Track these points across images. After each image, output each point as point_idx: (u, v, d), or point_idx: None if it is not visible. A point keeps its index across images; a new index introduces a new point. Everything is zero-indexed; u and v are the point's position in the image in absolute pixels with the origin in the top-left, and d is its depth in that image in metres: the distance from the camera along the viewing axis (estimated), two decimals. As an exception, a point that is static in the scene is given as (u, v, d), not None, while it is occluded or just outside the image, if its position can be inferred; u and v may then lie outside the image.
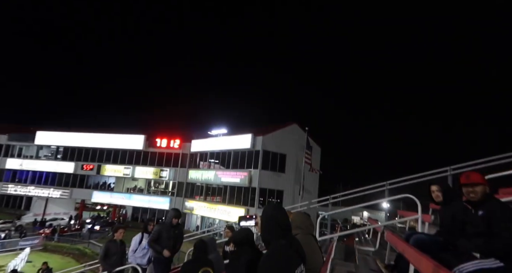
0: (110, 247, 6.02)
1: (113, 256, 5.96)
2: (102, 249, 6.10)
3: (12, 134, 38.69)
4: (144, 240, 5.96)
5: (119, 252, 6.05)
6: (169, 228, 5.63)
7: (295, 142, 27.85)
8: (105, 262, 5.93)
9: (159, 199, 33.94)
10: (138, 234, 6.11)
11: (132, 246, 5.95)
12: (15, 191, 36.89)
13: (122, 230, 6.27)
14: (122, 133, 35.88)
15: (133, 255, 5.88)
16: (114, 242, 6.13)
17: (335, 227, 11.70)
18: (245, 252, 2.84)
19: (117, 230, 6.28)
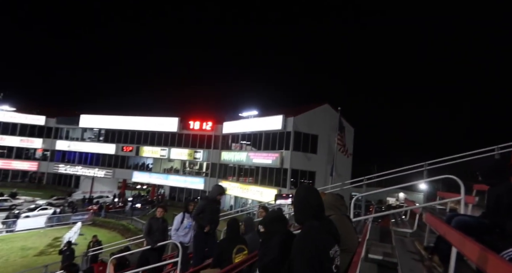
0: (153, 223, 6.38)
1: (155, 232, 6.30)
2: (146, 226, 6.47)
3: (59, 118, 41.73)
4: (186, 220, 6.14)
5: (160, 228, 6.39)
6: (213, 203, 5.77)
7: (327, 123, 27.29)
8: (149, 237, 6.30)
9: (194, 179, 35.29)
10: (180, 213, 6.31)
11: (174, 225, 6.12)
12: (65, 170, 40.18)
13: (161, 209, 6.60)
14: (157, 116, 37.27)
15: (176, 233, 6.07)
16: (156, 219, 6.48)
17: (369, 208, 11.53)
18: (277, 233, 2.89)
19: (157, 208, 6.66)
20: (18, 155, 41.02)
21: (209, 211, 5.65)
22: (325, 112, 28.91)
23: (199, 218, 5.65)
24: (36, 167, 41.30)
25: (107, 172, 38.18)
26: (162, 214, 6.58)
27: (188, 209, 6.28)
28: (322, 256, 1.86)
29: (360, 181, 8.45)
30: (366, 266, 2.99)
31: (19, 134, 40.91)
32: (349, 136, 30.86)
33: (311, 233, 1.94)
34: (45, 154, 41.71)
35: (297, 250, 1.90)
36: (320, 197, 2.20)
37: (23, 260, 17.02)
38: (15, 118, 40.92)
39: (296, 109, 31.24)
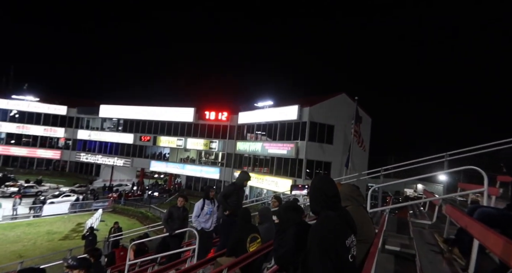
0: (173, 212, 6.55)
1: (176, 220, 6.47)
2: (166, 213, 6.65)
3: (80, 108, 42.97)
4: (206, 206, 6.21)
5: (181, 217, 6.57)
6: (240, 189, 5.88)
7: (344, 113, 26.84)
8: (168, 224, 6.47)
9: (210, 169, 35.77)
10: (200, 200, 6.39)
11: (195, 211, 6.22)
12: (86, 159, 41.57)
13: (181, 198, 6.75)
14: (174, 106, 37.75)
15: (197, 219, 6.16)
16: (177, 208, 6.64)
17: (386, 199, 11.38)
18: (291, 223, 2.89)
19: (178, 197, 6.82)
20: (42, 144, 42.71)
21: (236, 196, 5.77)
22: (341, 102, 28.43)
23: (224, 202, 5.75)
24: (59, 156, 42.92)
25: (126, 161, 39.23)
26: (182, 203, 6.70)
27: (209, 195, 6.34)
28: (338, 246, 1.85)
29: (377, 172, 8.32)
30: (383, 257, 2.96)
31: (42, 123, 42.49)
32: (366, 126, 30.35)
33: (327, 223, 1.93)
34: (67, 143, 43.21)
35: (313, 240, 1.90)
36: (336, 187, 2.19)
37: (49, 244, 17.90)
38: (38, 108, 42.43)
39: (312, 99, 30.86)
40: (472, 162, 5.22)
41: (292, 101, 30.05)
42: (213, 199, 6.39)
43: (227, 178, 34.13)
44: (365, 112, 29.93)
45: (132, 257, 7.56)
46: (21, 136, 42.62)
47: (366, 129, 30.17)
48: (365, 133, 30.06)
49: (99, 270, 5.88)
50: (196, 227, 6.10)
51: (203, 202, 6.25)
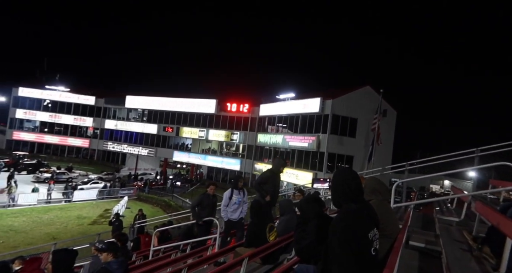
0: (204, 199, 6.57)
1: (206, 207, 6.46)
2: (196, 200, 6.69)
3: (107, 98, 44.49)
4: (235, 196, 6.08)
5: (210, 204, 6.56)
6: (276, 176, 5.78)
7: (368, 106, 26.15)
8: (195, 211, 6.53)
9: (231, 160, 36.17)
10: (228, 189, 6.28)
11: (223, 201, 6.13)
12: (113, 148, 43.20)
13: (213, 186, 6.78)
14: (196, 97, 38.25)
15: (225, 209, 6.06)
16: (208, 195, 6.63)
17: (411, 195, 11.10)
18: (313, 215, 2.89)
19: (209, 185, 6.83)
20: (73, 133, 44.78)
21: (272, 183, 5.68)
22: (365, 94, 27.70)
23: (260, 189, 5.68)
24: (88, 144, 44.85)
25: (150, 150, 40.39)
26: (213, 191, 6.72)
27: (237, 185, 6.22)
28: (361, 239, 1.83)
29: (402, 167, 8.09)
30: (407, 253, 2.90)
31: (73, 113, 44.46)
32: (391, 119, 29.49)
33: (349, 216, 1.91)
34: (95, 132, 45.01)
35: (334, 232, 1.89)
36: (359, 180, 2.16)
37: (79, 228, 18.91)
38: (69, 98, 44.39)
39: (335, 91, 30.27)
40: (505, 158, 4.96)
41: (314, 94, 29.61)
42: (242, 189, 6.26)
43: (247, 169, 34.40)
44: (390, 105, 29.04)
45: (156, 243, 7.84)
46: (54, 125, 44.89)
47: (390, 122, 29.33)
48: (390, 127, 29.25)
49: (125, 254, 6.15)
50: (223, 217, 6.06)
51: (232, 191, 6.14)
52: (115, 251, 4.15)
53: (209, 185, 6.83)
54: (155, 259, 6.36)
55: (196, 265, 4.09)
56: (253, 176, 34.09)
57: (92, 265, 5.57)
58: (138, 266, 5.60)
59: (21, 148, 42.80)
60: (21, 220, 19.01)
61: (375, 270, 1.85)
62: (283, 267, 3.00)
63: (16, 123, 44.86)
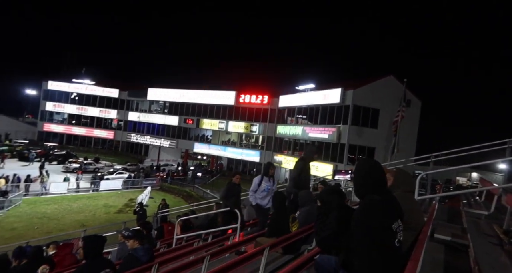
0: (231, 188, 6.55)
1: (231, 197, 6.47)
2: (224, 190, 6.70)
3: (130, 91, 45.65)
4: (264, 183, 5.98)
5: (236, 193, 6.61)
6: (307, 163, 5.65)
7: (391, 96, 25.37)
8: (227, 201, 6.53)
9: (250, 152, 36.37)
10: (258, 175, 6.19)
11: (252, 186, 6.02)
12: (136, 139, 44.48)
13: (238, 175, 6.81)
14: (216, 89, 38.50)
15: (254, 194, 5.96)
16: (234, 184, 6.62)
17: (436, 187, 10.77)
18: (334, 206, 2.87)
19: (235, 174, 6.86)
20: (98, 124, 46.46)
21: (306, 171, 5.56)
22: (388, 84, 26.88)
23: (299, 179, 5.54)
24: (113, 136, 46.40)
25: (171, 142, 41.28)
26: (239, 180, 6.72)
27: (268, 172, 6.09)
28: (384, 230, 1.82)
29: (426, 158, 7.84)
30: (432, 246, 2.84)
31: (98, 105, 46.02)
32: (416, 110, 28.55)
33: (372, 206, 1.90)
34: (120, 124, 46.43)
35: (357, 223, 1.88)
36: (383, 171, 2.13)
37: (106, 216, 19.76)
38: (94, 91, 45.93)
39: (356, 81, 29.56)
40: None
41: (335, 84, 29.06)
42: (272, 177, 6.13)
43: (267, 160, 34.45)
44: (414, 95, 28.07)
45: (179, 232, 8.07)
46: (81, 117, 46.74)
47: (415, 113, 28.40)
48: (414, 117, 28.33)
49: (150, 241, 6.39)
50: (251, 201, 6.03)
51: (261, 178, 6.03)
52: (141, 238, 4.33)
53: (234, 174, 6.80)
54: (178, 247, 6.57)
55: (218, 253, 4.19)
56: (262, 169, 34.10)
57: (119, 251, 5.83)
58: (163, 253, 5.81)
59: (51, 139, 44.96)
60: (53, 208, 20.10)
61: (399, 262, 1.83)
62: (304, 257, 3.02)
63: (46, 116, 47.11)
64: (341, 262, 2.24)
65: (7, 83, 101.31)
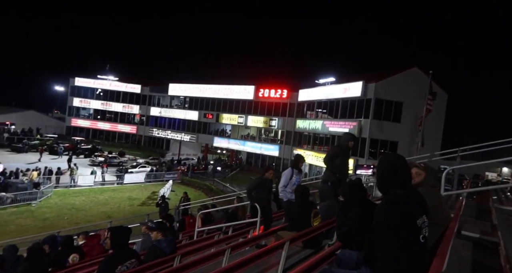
0: (261, 183, 6.28)
1: (262, 191, 6.16)
2: (252, 184, 6.38)
3: (152, 86, 46.66)
4: (294, 176, 5.83)
5: (267, 188, 6.32)
6: (344, 151, 5.34)
7: (415, 88, 24.51)
8: (252, 195, 6.20)
9: (269, 146, 36.38)
10: (287, 169, 6.00)
11: (282, 181, 5.85)
12: (158, 134, 45.55)
13: (272, 171, 6.57)
14: (234, 84, 38.63)
15: (284, 189, 5.77)
16: (265, 180, 6.35)
17: (463, 183, 10.37)
18: (356, 201, 2.84)
19: (268, 170, 6.61)
20: (122, 119, 47.92)
21: (342, 158, 5.25)
22: (412, 76, 25.98)
23: (330, 165, 5.32)
24: (135, 131, 47.72)
25: (192, 136, 41.96)
26: (272, 175, 6.45)
27: (298, 165, 5.94)
28: (408, 225, 1.78)
29: (453, 153, 7.56)
30: (459, 243, 2.75)
31: (121, 101, 47.40)
32: (441, 102, 27.46)
33: (396, 201, 1.85)
34: (142, 119, 47.66)
35: (380, 218, 1.85)
36: (407, 165, 2.08)
37: (130, 208, 20.45)
38: (118, 87, 47.31)
39: (378, 74, 28.76)
40: None
41: (356, 77, 28.43)
42: (301, 169, 5.99)
43: (286, 155, 34.41)
44: (440, 87, 26.98)
45: (200, 225, 8.24)
46: (105, 112, 48.40)
47: (441, 106, 27.32)
48: (440, 110, 27.29)
49: (172, 234, 6.56)
50: (282, 197, 5.90)
51: (292, 171, 5.82)
52: (164, 230, 4.46)
53: (267, 170, 6.54)
54: (200, 240, 6.71)
55: (238, 246, 4.25)
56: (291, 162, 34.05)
57: (143, 242, 6.03)
58: (185, 245, 5.96)
59: (78, 133, 46.83)
60: (81, 199, 21.03)
61: (424, 258, 1.79)
62: (325, 252, 3.01)
63: (74, 111, 49.13)
64: (364, 257, 2.22)
65: (38, 80, 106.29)
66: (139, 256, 3.69)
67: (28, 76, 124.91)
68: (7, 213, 17.10)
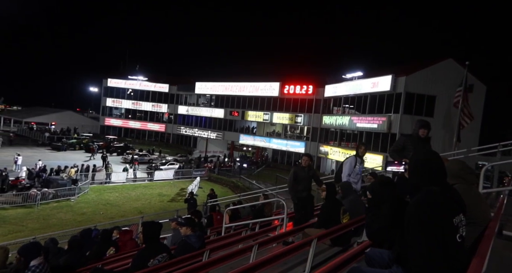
0: (298, 172, 5.79)
1: (301, 182, 5.66)
2: (291, 175, 5.85)
3: (179, 85, 47.78)
4: (358, 165, 5.48)
5: (306, 177, 5.76)
6: (417, 141, 4.67)
7: (450, 81, 23.26)
8: (294, 188, 5.73)
9: (295, 143, 36.09)
10: (351, 156, 5.62)
11: (346, 169, 5.48)
12: (185, 132, 46.65)
13: (306, 157, 5.97)
14: (259, 81, 38.63)
15: (349, 179, 5.40)
16: (301, 168, 5.88)
17: (503, 180, 9.73)
18: (386, 199, 2.75)
19: (302, 157, 6.18)
20: (151, 118, 49.54)
21: (410, 149, 4.61)
22: (447, 68, 24.67)
23: (395, 155, 4.78)
24: (164, 129, 49.16)
25: (218, 134, 42.55)
26: (308, 162, 5.81)
27: (358, 152, 5.56)
28: (444, 224, 1.69)
29: (493, 148, 7.11)
30: (500, 244, 2.60)
31: (151, 100, 48.98)
32: (479, 95, 25.87)
33: (430, 198, 1.77)
34: (170, 117, 48.97)
35: (413, 216, 1.77)
36: (442, 161, 1.97)
37: (161, 204, 21.14)
38: (147, 87, 48.95)
39: (409, 67, 27.60)
40: None
41: (385, 71, 27.43)
42: (361, 158, 5.56)
43: (312, 152, 33.94)
44: (478, 79, 25.42)
45: (228, 221, 8.37)
46: (136, 112, 50.32)
47: (479, 99, 25.75)
48: (478, 104, 25.71)
49: (201, 229, 6.71)
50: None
51: (355, 159, 5.37)
52: (193, 226, 4.57)
53: (302, 157, 6.04)
54: (227, 236, 6.82)
55: (266, 243, 4.27)
56: (318, 159, 33.60)
57: (173, 237, 6.22)
58: (213, 241, 6.08)
59: (111, 132, 49.03)
60: (114, 195, 22.03)
61: (461, 258, 1.70)
62: (353, 250, 2.95)
63: (107, 111, 51.51)
64: (395, 256, 2.15)
65: (74, 82, 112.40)
66: (170, 251, 3.82)
67: (65, 78, 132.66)
68: (50, 207, 18.26)
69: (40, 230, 14.42)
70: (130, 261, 4.07)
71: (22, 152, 27.84)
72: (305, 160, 5.81)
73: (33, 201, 17.85)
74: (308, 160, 5.80)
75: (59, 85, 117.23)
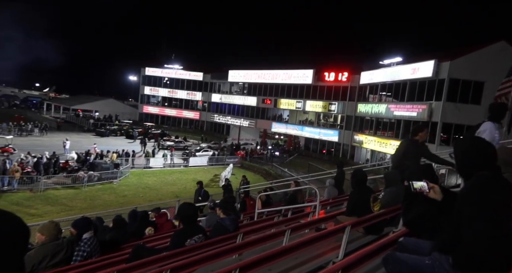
0: (409, 146, 4.77)
1: (410, 158, 4.53)
2: (400, 149, 4.82)
3: (213, 73, 48.48)
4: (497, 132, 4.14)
5: (417, 154, 4.76)
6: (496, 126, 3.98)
7: (501, 65, 21.25)
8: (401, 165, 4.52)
9: (328, 131, 35.43)
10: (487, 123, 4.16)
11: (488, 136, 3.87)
12: (219, 119, 47.53)
13: (426, 129, 5.04)
14: (293, 68, 38.05)
15: None
16: (414, 142, 4.81)
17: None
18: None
19: (422, 129, 4.94)
20: (186, 106, 51.00)
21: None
22: (498, 51, 22.56)
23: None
24: (198, 116, 50.43)
25: (251, 122, 42.87)
26: (423, 137, 4.83)
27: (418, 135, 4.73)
28: (501, 210, 1.62)
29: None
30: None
31: (186, 88, 50.29)
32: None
33: (487, 181, 1.69)
34: (204, 105, 50.07)
35: (467, 202, 1.70)
36: (494, 147, 1.88)
37: (195, 189, 21.91)
38: (182, 75, 50.21)
39: (453, 51, 25.73)
40: None
41: (427, 56, 25.80)
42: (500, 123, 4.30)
43: (346, 141, 33.23)
44: (535, 62, 23.05)
45: (260, 206, 8.54)
46: (171, 100, 52.06)
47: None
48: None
49: (234, 213, 6.93)
50: None
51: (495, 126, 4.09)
52: (227, 209, 4.74)
53: (422, 129, 4.90)
54: (260, 220, 6.98)
55: (298, 228, 4.33)
56: (352, 147, 32.81)
57: (208, 220, 6.50)
58: (246, 225, 6.27)
59: (149, 119, 51.25)
60: (153, 180, 23.22)
61: None
62: (387, 239, 2.92)
63: (145, 99, 53.74)
64: (440, 244, 2.07)
65: (115, 71, 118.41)
66: (205, 232, 4.01)
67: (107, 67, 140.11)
68: (95, 189, 19.73)
69: (87, 209, 15.69)
70: (167, 241, 4.34)
71: (70, 137, 30.06)
72: (425, 133, 4.88)
73: (80, 183, 19.37)
74: (426, 134, 4.91)
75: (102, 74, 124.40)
